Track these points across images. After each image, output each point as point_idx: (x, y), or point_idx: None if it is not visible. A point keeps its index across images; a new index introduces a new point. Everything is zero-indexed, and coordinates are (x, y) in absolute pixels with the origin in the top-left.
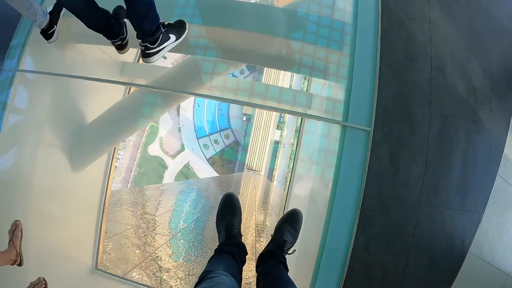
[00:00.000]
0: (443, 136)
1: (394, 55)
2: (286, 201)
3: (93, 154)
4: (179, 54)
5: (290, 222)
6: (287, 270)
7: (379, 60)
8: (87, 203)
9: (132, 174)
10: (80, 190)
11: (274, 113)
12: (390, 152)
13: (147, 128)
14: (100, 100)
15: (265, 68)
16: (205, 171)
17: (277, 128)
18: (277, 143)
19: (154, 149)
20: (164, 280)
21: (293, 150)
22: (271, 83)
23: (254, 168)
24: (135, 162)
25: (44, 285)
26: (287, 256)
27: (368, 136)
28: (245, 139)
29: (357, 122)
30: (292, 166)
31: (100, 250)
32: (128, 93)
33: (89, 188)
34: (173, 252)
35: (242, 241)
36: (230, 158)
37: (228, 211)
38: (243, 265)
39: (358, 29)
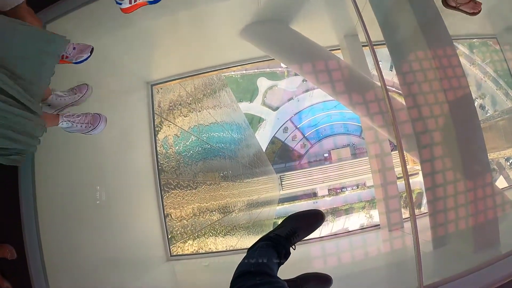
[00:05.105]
0: None
1: None
2: None
3: None
4: None
5: (319, 283)
6: None
7: None
8: None
9: (233, 74)
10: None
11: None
12: None
13: (281, 68)
14: None
15: None
16: (262, 138)
17: (328, 190)
18: (314, 194)
19: (262, 83)
20: (159, 141)
21: None
22: None
23: (282, 184)
24: (244, 71)
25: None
26: None
27: None
28: (308, 164)
29: None
30: None
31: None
32: None
33: None
34: (179, 137)
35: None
36: (285, 157)
37: (308, 224)
38: None
39: None
